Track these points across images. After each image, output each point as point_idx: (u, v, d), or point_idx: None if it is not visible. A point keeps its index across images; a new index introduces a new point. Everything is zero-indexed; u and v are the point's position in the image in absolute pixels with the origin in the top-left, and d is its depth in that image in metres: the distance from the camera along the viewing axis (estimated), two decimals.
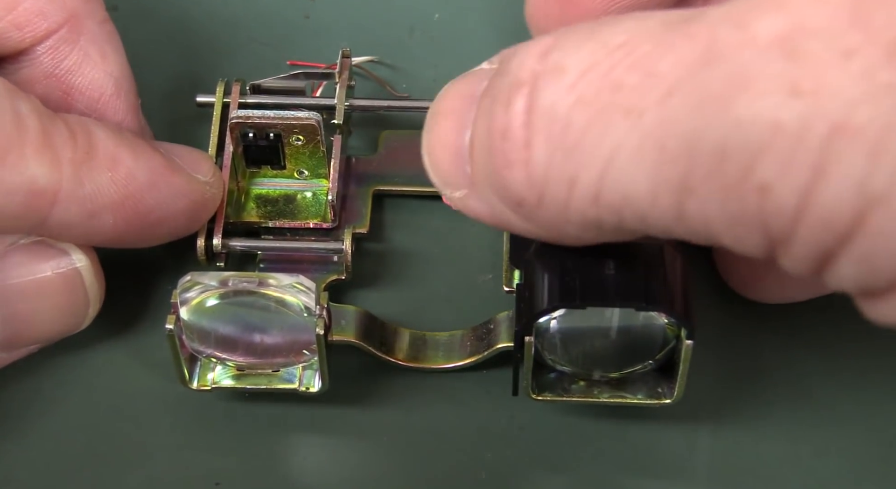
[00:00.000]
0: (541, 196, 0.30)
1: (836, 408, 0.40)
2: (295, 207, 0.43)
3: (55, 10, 0.39)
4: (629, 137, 0.28)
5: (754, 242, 0.27)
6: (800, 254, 0.27)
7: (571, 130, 0.29)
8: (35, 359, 0.40)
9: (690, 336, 0.35)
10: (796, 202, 0.26)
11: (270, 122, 0.41)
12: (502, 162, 0.30)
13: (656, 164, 0.27)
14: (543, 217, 0.31)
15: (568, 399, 0.38)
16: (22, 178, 0.35)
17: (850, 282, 0.27)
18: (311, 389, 0.39)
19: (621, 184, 0.28)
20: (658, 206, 0.28)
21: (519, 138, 0.30)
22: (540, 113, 0.29)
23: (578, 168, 0.29)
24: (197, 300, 0.36)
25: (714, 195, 0.27)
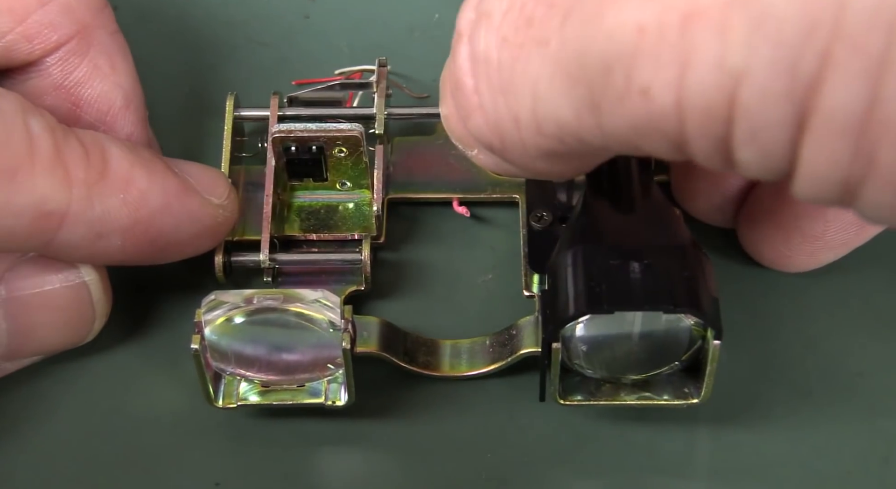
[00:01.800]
0: (501, 138, 0.32)
1: (836, 408, 0.40)
2: (338, 219, 0.43)
3: (65, 21, 0.39)
4: (544, 67, 0.29)
5: (665, 148, 0.28)
6: (702, 151, 0.28)
7: (503, 70, 0.30)
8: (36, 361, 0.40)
9: (718, 336, 0.35)
10: (674, 98, 0.26)
11: (313, 135, 0.41)
12: (464, 112, 0.33)
13: (568, 87, 0.29)
14: (513, 156, 0.33)
15: (595, 403, 0.39)
16: (31, 198, 0.34)
17: (757, 167, 0.27)
18: (338, 403, 0.39)
19: (551, 112, 0.30)
20: (584, 126, 0.29)
21: (469, 87, 0.32)
22: (478, 59, 0.31)
23: (516, 105, 0.31)
24: (222, 319, 0.36)
25: (615, 108, 0.28)
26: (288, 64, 0.48)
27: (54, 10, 0.38)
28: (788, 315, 0.42)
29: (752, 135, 0.26)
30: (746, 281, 0.43)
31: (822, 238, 0.40)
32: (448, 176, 0.44)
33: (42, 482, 0.39)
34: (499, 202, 0.44)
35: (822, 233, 0.40)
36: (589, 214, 0.38)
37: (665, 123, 0.27)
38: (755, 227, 0.42)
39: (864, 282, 0.43)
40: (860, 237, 0.41)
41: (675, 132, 0.27)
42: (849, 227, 0.40)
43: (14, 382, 0.40)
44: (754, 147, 0.27)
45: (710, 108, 0.26)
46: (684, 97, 0.26)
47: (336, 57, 0.48)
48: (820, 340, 0.42)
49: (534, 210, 0.41)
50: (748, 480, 0.39)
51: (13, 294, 0.38)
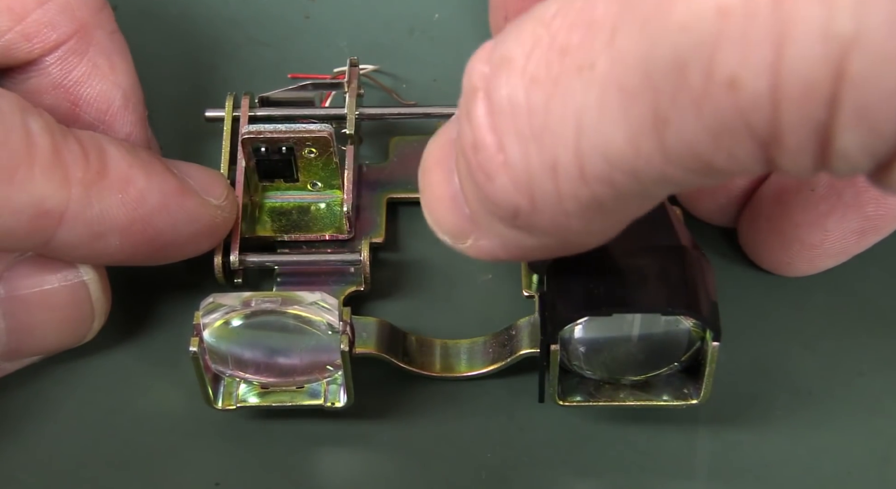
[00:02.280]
0: (531, 196, 0.29)
1: (836, 408, 0.40)
2: (309, 219, 0.43)
3: (65, 20, 0.39)
4: (589, 94, 0.27)
5: (747, 152, 0.26)
6: (795, 144, 0.25)
7: (535, 114, 0.28)
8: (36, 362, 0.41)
9: (717, 338, 0.35)
10: (769, 83, 0.24)
11: (283, 135, 0.41)
12: (483, 176, 0.30)
13: (623, 108, 0.26)
14: (544, 220, 0.30)
15: (594, 403, 0.39)
16: (29, 197, 0.34)
17: (859, 154, 0.25)
18: (337, 404, 0.39)
19: (599, 146, 0.27)
20: (642, 154, 0.27)
21: (490, 144, 0.29)
22: (500, 110, 0.29)
23: (554, 149, 0.28)
24: (220, 322, 0.36)
25: (689, 115, 0.25)
26: (288, 64, 0.48)
27: (53, 9, 0.38)
28: (788, 315, 0.42)
29: (859, 113, 0.24)
30: (746, 281, 0.43)
31: (820, 246, 0.40)
32: None
33: (42, 482, 0.39)
34: None
35: (821, 241, 0.40)
36: None
37: (756, 117, 0.24)
38: (755, 233, 0.42)
39: (863, 282, 0.43)
40: (859, 245, 0.41)
41: (767, 127, 0.25)
42: (848, 236, 0.40)
43: (14, 382, 0.41)
44: (860, 128, 0.24)
45: (813, 88, 0.24)
46: (781, 79, 0.24)
47: (336, 57, 0.48)
48: (820, 340, 0.42)
49: None
50: (748, 480, 0.39)
51: (12, 293, 0.38)
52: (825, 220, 0.40)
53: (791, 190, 0.40)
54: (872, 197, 0.39)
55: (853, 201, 0.39)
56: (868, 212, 0.39)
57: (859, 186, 0.39)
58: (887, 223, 0.40)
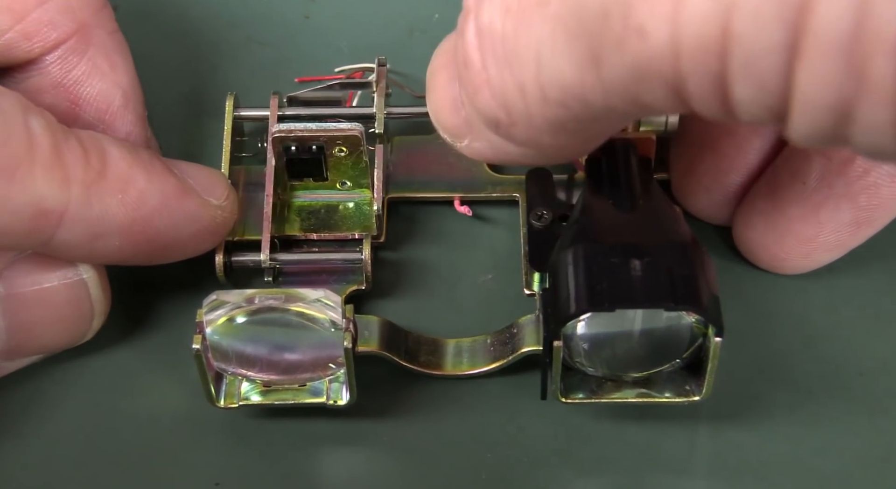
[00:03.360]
0: (508, 111, 0.32)
1: (836, 408, 0.40)
2: (338, 218, 0.43)
3: (65, 20, 0.39)
4: (544, 29, 0.29)
5: (663, 93, 0.28)
6: (699, 92, 0.27)
7: (507, 41, 0.31)
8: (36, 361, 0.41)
9: (719, 334, 0.35)
10: (668, 34, 0.26)
11: (313, 134, 0.40)
12: (472, 89, 0.32)
13: (568, 45, 0.29)
14: (520, 133, 0.33)
15: (596, 400, 0.39)
16: (29, 196, 0.34)
17: (754, 106, 0.27)
18: (339, 402, 0.39)
19: (554, 75, 0.30)
20: (587, 85, 0.29)
21: (476, 62, 0.32)
22: (484, 33, 0.31)
23: (522, 74, 0.31)
24: (223, 319, 0.36)
25: (614, 56, 0.28)
26: (288, 64, 0.48)
27: (53, 8, 0.38)
28: (788, 315, 0.42)
29: (746, 66, 0.26)
30: (746, 280, 0.43)
31: (815, 240, 0.41)
32: (448, 175, 0.44)
33: (42, 482, 0.39)
34: (499, 201, 0.44)
35: (816, 235, 0.40)
36: (589, 212, 0.38)
37: (662, 63, 0.27)
38: (749, 230, 0.42)
39: (863, 282, 0.43)
40: (855, 238, 0.41)
41: (672, 72, 0.27)
42: (842, 228, 0.40)
43: (14, 382, 0.41)
44: (750, 80, 0.26)
45: (704, 41, 0.26)
46: (678, 32, 0.26)
47: (336, 57, 0.48)
48: (820, 340, 0.42)
49: (534, 209, 0.41)
50: (748, 480, 0.39)
51: (12, 291, 0.38)
52: (818, 213, 0.40)
53: (784, 184, 0.40)
54: (864, 187, 0.40)
55: (845, 192, 0.40)
56: (861, 202, 0.40)
57: (850, 177, 0.40)
58: (881, 214, 0.40)
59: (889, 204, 0.40)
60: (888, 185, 0.39)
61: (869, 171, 0.39)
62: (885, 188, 0.39)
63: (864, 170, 0.39)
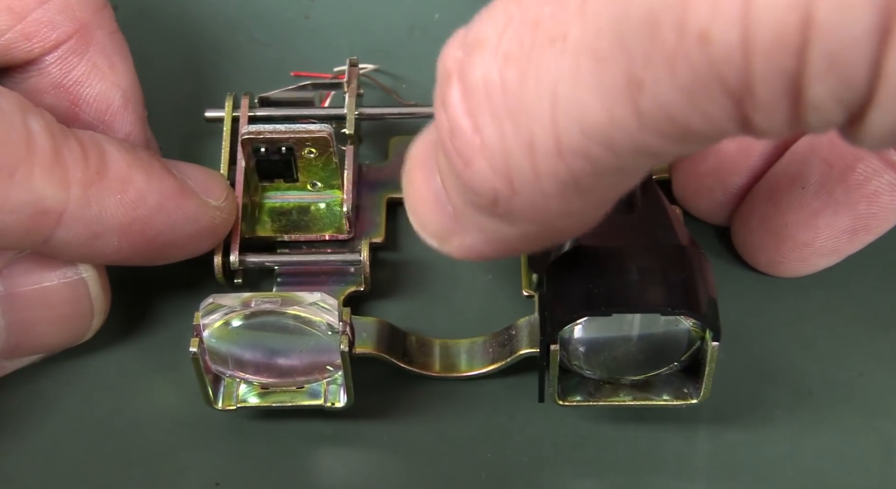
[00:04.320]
0: (509, 178, 0.29)
1: (836, 408, 0.40)
2: (309, 219, 0.43)
3: (65, 20, 0.39)
4: (563, 64, 0.26)
5: (721, 109, 0.25)
6: (768, 97, 0.25)
7: (510, 91, 0.27)
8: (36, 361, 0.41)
9: (716, 338, 0.35)
10: (739, 35, 0.24)
11: (282, 136, 0.40)
12: (461, 162, 0.29)
13: (597, 74, 0.26)
14: (523, 204, 0.29)
15: (594, 403, 0.39)
16: (28, 196, 0.34)
17: (830, 104, 0.24)
18: (337, 404, 0.39)
19: (575, 117, 0.27)
20: (617, 121, 0.26)
21: (466, 128, 0.29)
22: (475, 91, 0.28)
23: (530, 126, 0.27)
24: (220, 322, 0.36)
25: (662, 74, 0.25)
26: (288, 64, 0.48)
27: (53, 8, 0.38)
28: (788, 315, 0.42)
29: (829, 60, 0.24)
30: (746, 281, 0.43)
31: (812, 245, 0.41)
32: None
33: (42, 482, 0.40)
34: None
35: (813, 240, 0.40)
36: None
37: (728, 70, 0.24)
38: (748, 233, 0.42)
39: (863, 282, 0.43)
40: (851, 245, 0.41)
41: (739, 80, 0.24)
42: (840, 235, 0.40)
43: (14, 382, 0.41)
44: (831, 75, 0.24)
45: (781, 37, 0.23)
46: (750, 30, 0.24)
47: (336, 57, 0.48)
48: (820, 340, 0.42)
49: None
50: (748, 480, 0.39)
51: (11, 290, 0.38)
52: (816, 219, 0.40)
53: (783, 188, 0.40)
54: (865, 195, 0.40)
55: (844, 199, 0.40)
56: (860, 210, 0.40)
57: (851, 184, 0.39)
58: (879, 222, 0.40)
59: (888, 213, 0.40)
60: (888, 193, 0.39)
61: (870, 179, 0.39)
62: (885, 197, 0.39)
63: (865, 178, 0.39)
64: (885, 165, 0.39)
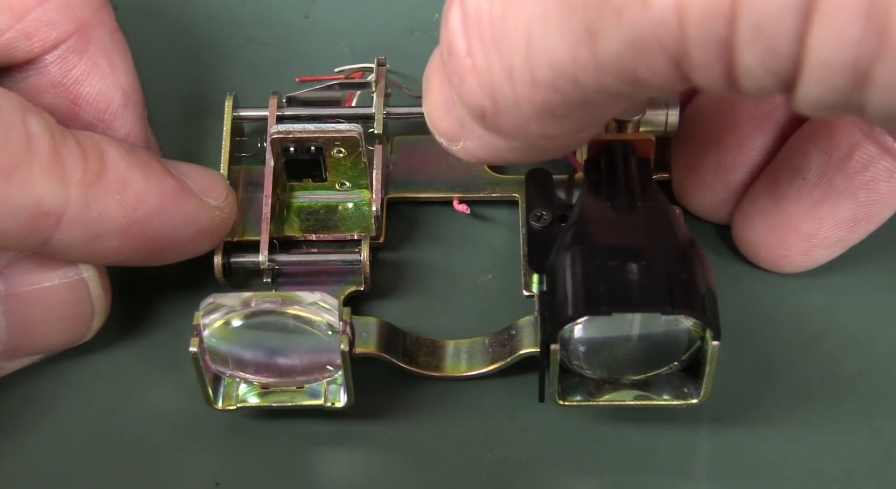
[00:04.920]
0: (494, 99, 0.31)
1: (836, 408, 0.40)
2: (337, 219, 0.43)
3: (64, 19, 0.39)
4: (536, 6, 0.29)
5: (662, 65, 0.27)
6: (702, 60, 0.27)
7: (495, 23, 0.30)
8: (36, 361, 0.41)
9: (717, 337, 0.35)
10: (674, 0, 0.26)
11: (312, 135, 0.41)
12: (457, 78, 0.32)
13: (562, 20, 0.28)
14: (507, 122, 0.32)
15: (594, 403, 0.39)
16: (27, 197, 0.34)
17: (761, 72, 0.26)
18: (337, 404, 0.39)
19: (545, 55, 0.29)
20: (579, 62, 0.28)
21: (461, 49, 0.31)
22: (470, 18, 0.31)
23: (510, 56, 0.30)
24: (220, 322, 0.36)
25: (612, 28, 0.27)
26: (288, 64, 0.48)
27: (53, 7, 0.38)
28: (788, 315, 0.42)
29: (757, 29, 0.25)
30: (746, 280, 0.43)
31: (815, 237, 0.41)
32: (448, 175, 0.44)
33: (42, 482, 0.40)
34: (499, 201, 0.44)
35: (816, 231, 0.41)
36: (587, 214, 0.38)
37: (664, 32, 0.26)
38: (750, 228, 0.42)
39: (863, 281, 0.43)
40: (854, 235, 0.41)
41: (675, 41, 0.26)
42: (842, 224, 0.40)
43: (14, 382, 0.41)
44: (759, 44, 0.25)
45: (712, 5, 0.25)
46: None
47: (336, 57, 0.48)
48: (820, 340, 0.42)
49: (533, 209, 0.41)
50: (748, 480, 0.39)
51: (12, 290, 0.38)
52: (819, 209, 0.40)
53: (783, 181, 0.40)
54: (863, 183, 0.40)
55: (844, 188, 0.40)
56: (860, 198, 0.40)
57: (850, 172, 0.40)
58: (879, 210, 0.40)
59: (887, 199, 0.40)
60: (886, 180, 0.40)
61: (868, 166, 0.39)
62: (883, 183, 0.40)
63: (862, 165, 0.39)
64: (881, 152, 0.39)
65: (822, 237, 0.41)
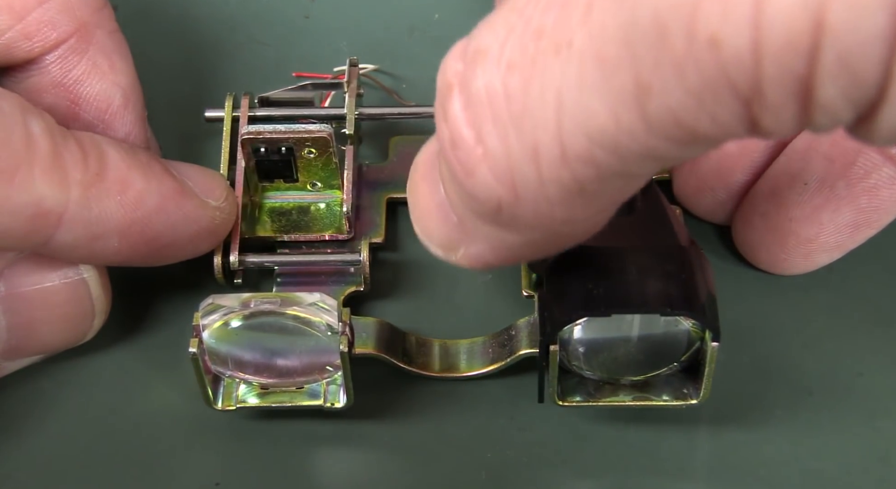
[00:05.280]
0: (513, 185, 0.29)
1: (836, 408, 0.40)
2: (309, 219, 0.43)
3: (65, 20, 0.39)
4: (568, 72, 0.26)
5: (730, 112, 0.25)
6: (777, 99, 0.25)
7: (513, 99, 0.27)
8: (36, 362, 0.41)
9: (716, 338, 0.35)
10: (749, 39, 0.24)
11: (282, 136, 0.41)
12: (464, 173, 0.29)
13: (604, 80, 0.26)
14: (527, 211, 0.29)
15: (593, 403, 0.39)
16: (28, 198, 0.34)
17: (840, 104, 0.24)
18: (337, 404, 0.39)
19: (580, 123, 0.27)
20: (624, 126, 0.26)
21: (468, 138, 0.29)
22: (477, 102, 0.28)
23: (535, 133, 0.27)
24: (219, 323, 0.36)
25: (671, 79, 0.25)
26: (288, 64, 0.48)
27: (54, 8, 0.38)
28: (788, 315, 0.42)
29: (840, 62, 0.23)
30: (746, 281, 0.43)
31: (816, 240, 0.41)
32: None
33: (42, 482, 0.40)
34: None
35: (817, 235, 0.41)
36: None
37: (738, 74, 0.24)
38: (750, 230, 0.42)
39: (863, 282, 0.43)
40: (854, 240, 0.41)
41: (749, 83, 0.24)
42: (843, 229, 0.40)
43: (14, 382, 0.41)
44: (842, 76, 0.24)
45: (793, 40, 0.23)
46: (761, 34, 0.23)
47: (336, 57, 0.48)
48: (820, 340, 0.42)
49: None
50: (748, 480, 0.39)
51: (12, 290, 0.38)
52: (819, 214, 0.40)
53: (785, 185, 0.40)
54: (865, 189, 0.40)
55: (846, 193, 0.40)
56: (861, 204, 0.40)
57: (852, 179, 0.40)
58: (880, 216, 0.40)
59: (888, 206, 0.40)
60: (888, 186, 0.40)
61: (870, 172, 0.39)
62: (885, 190, 0.40)
63: (865, 172, 0.39)
64: (884, 159, 0.39)
65: (822, 241, 0.41)
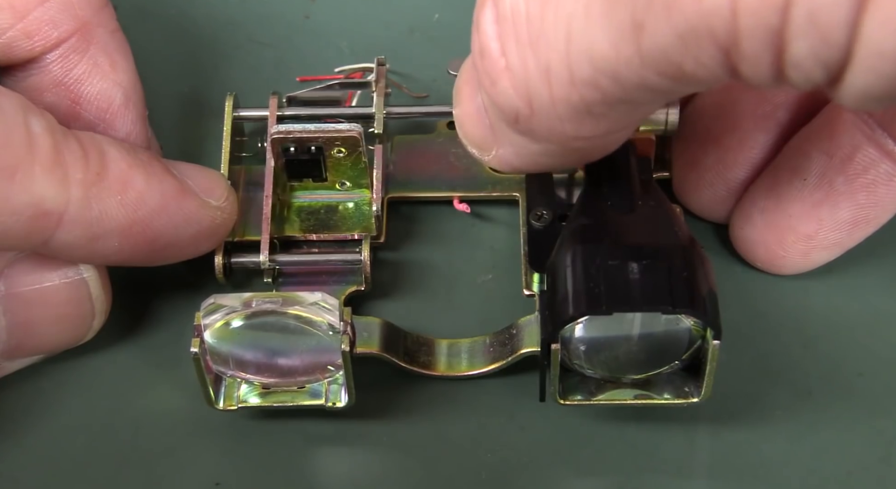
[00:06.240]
0: (529, 100, 0.32)
1: (836, 408, 0.40)
2: (338, 218, 0.43)
3: (66, 19, 0.39)
4: (577, 3, 0.29)
5: (711, 57, 0.27)
6: (752, 51, 0.27)
7: (532, 22, 0.30)
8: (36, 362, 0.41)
9: (717, 336, 0.35)
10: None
11: (312, 135, 0.41)
12: (489, 81, 0.32)
13: (606, 15, 0.28)
14: (541, 124, 0.32)
15: (595, 402, 0.39)
16: (29, 197, 0.34)
17: (811, 62, 0.26)
18: (338, 404, 0.39)
19: (585, 50, 0.29)
20: (622, 57, 0.29)
21: (494, 50, 0.31)
22: (505, 18, 0.31)
23: (547, 54, 0.30)
24: (220, 322, 0.36)
25: (660, 20, 0.27)
26: (288, 64, 0.48)
27: (55, 7, 0.38)
28: (788, 315, 0.42)
29: (810, 18, 0.25)
30: (746, 280, 0.43)
31: (815, 237, 0.41)
32: (448, 174, 0.44)
33: (42, 482, 0.40)
34: (499, 200, 0.44)
35: (815, 232, 0.41)
36: (588, 213, 0.38)
37: (716, 23, 0.26)
38: (749, 228, 0.42)
39: (863, 282, 0.43)
40: (852, 237, 0.41)
41: (726, 33, 0.26)
42: (841, 227, 0.40)
43: (14, 382, 0.41)
44: (811, 34, 0.26)
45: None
46: None
47: (336, 57, 0.48)
48: (820, 340, 0.42)
49: (534, 208, 0.41)
50: (748, 480, 0.39)
51: (12, 290, 0.38)
52: (818, 210, 0.40)
53: (784, 181, 0.40)
54: (864, 185, 0.40)
55: (845, 189, 0.40)
56: (860, 200, 0.40)
57: (850, 174, 0.40)
58: (878, 213, 0.41)
59: (886, 203, 0.40)
60: (886, 183, 0.40)
61: (868, 169, 0.40)
62: (882, 186, 0.40)
63: (863, 168, 0.40)
64: (882, 155, 0.39)
65: (821, 238, 0.41)
